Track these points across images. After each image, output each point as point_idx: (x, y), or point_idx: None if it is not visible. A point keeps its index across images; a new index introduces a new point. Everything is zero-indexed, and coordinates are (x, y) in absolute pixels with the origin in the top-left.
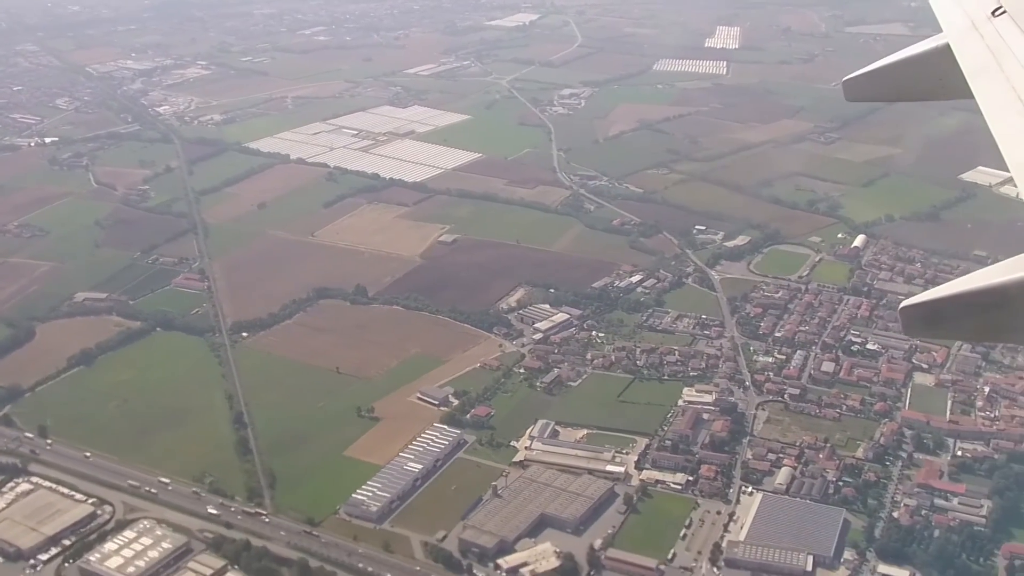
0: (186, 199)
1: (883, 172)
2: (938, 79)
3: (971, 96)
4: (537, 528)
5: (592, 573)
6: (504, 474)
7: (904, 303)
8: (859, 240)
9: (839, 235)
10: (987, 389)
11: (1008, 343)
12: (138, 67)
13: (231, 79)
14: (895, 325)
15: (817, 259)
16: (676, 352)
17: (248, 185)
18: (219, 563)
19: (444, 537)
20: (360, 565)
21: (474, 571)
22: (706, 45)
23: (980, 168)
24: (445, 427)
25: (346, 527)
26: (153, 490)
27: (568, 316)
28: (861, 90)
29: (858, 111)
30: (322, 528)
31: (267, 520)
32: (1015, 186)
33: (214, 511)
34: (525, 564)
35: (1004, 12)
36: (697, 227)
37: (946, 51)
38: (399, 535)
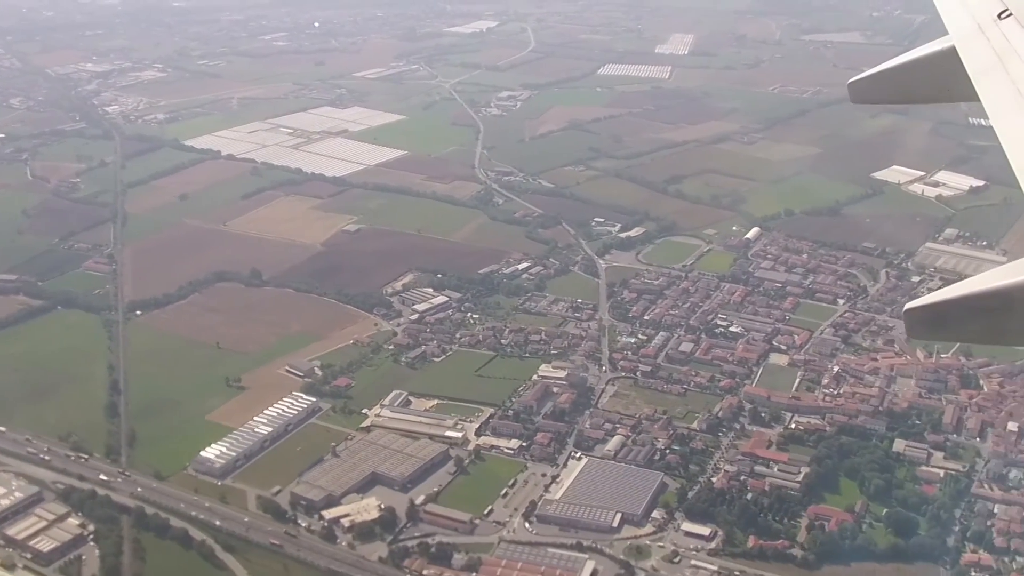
0: (114, 191)
1: (796, 170)
2: (943, 81)
3: (976, 98)
4: (367, 485)
5: (409, 525)
6: (348, 438)
7: (908, 306)
8: (752, 232)
9: (734, 228)
10: (836, 369)
11: (1012, 346)
12: (97, 69)
13: (184, 81)
14: (764, 309)
15: (706, 249)
16: (543, 332)
17: (175, 179)
18: (64, 510)
19: (278, 492)
20: (193, 513)
21: (298, 521)
22: (656, 51)
23: (895, 167)
24: (302, 395)
25: (191, 481)
26: (19, 448)
27: (448, 299)
28: (866, 92)
29: (787, 114)
30: (169, 482)
31: (126, 476)
32: (924, 184)
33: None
34: (347, 515)
35: (1010, 15)
36: (596, 219)
37: (952, 53)
38: (238, 489)
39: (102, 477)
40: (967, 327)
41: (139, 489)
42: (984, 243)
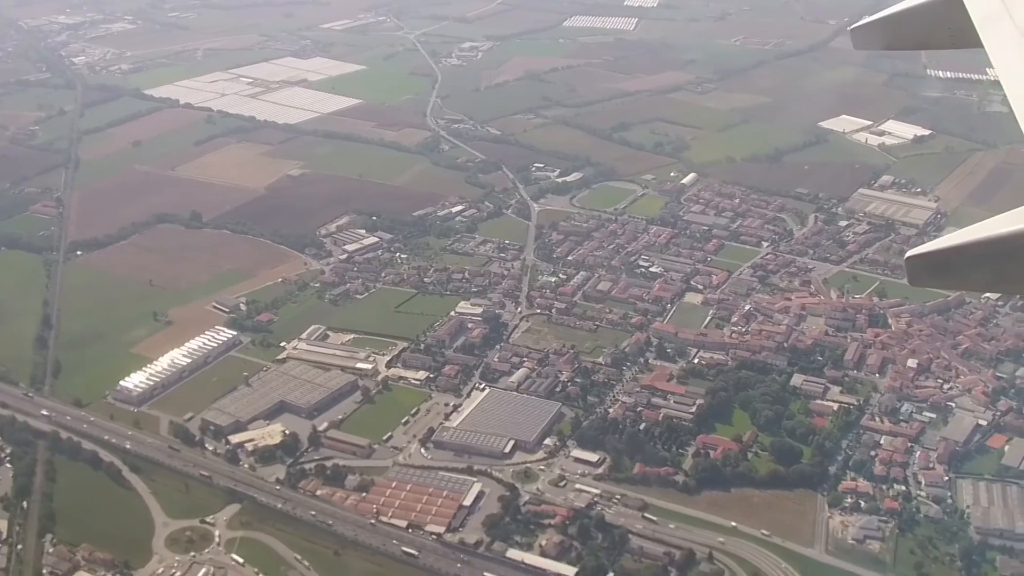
0: (69, 138)
1: (743, 119)
2: (947, 28)
3: (980, 45)
4: (275, 413)
5: (310, 449)
6: (264, 369)
7: (909, 253)
8: (688, 178)
9: (672, 174)
10: (747, 307)
11: (1015, 294)
12: (68, 21)
13: (152, 33)
14: (687, 251)
15: (640, 194)
16: (466, 271)
17: (131, 126)
18: None
19: (190, 418)
20: (105, 438)
21: (206, 445)
22: (625, 3)
23: (844, 116)
24: (224, 329)
25: (109, 409)
26: None
27: (379, 240)
28: (869, 38)
29: (744, 65)
30: (87, 409)
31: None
32: (869, 133)
33: None
34: (251, 440)
35: None
36: (536, 165)
37: (956, 0)
38: (152, 416)
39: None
40: (969, 274)
41: (58, 416)
42: (919, 190)
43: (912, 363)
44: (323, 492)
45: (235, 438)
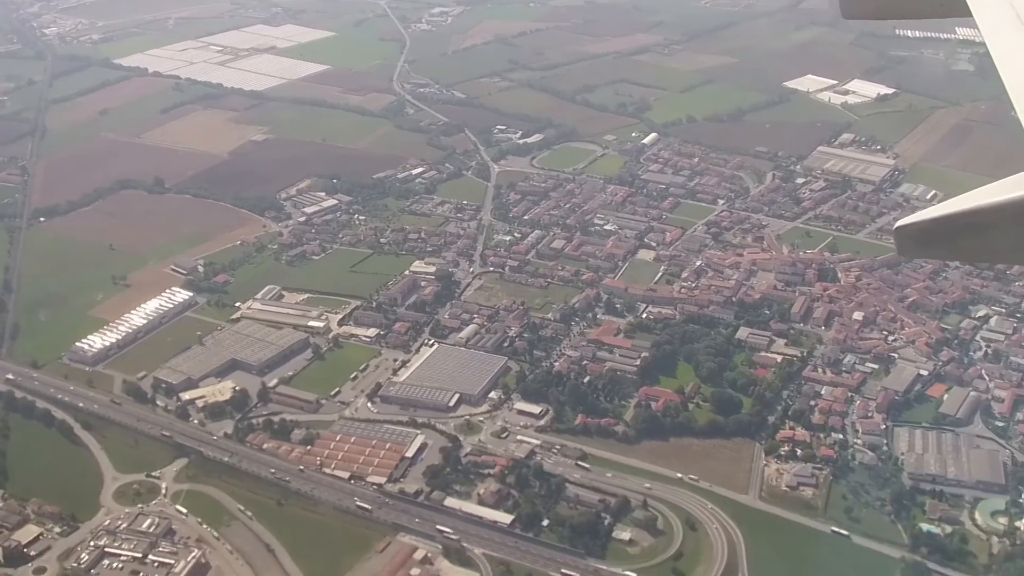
0: (37, 108)
1: (708, 80)
2: None
3: (969, 14)
4: (227, 370)
5: (259, 405)
6: (218, 328)
7: (898, 224)
8: (649, 138)
9: (633, 134)
10: (698, 263)
11: (1003, 263)
12: None
13: (124, 3)
14: (643, 209)
15: (600, 154)
16: (422, 231)
17: (99, 95)
18: None
19: (143, 377)
20: (59, 396)
21: (157, 402)
22: None
23: (809, 76)
24: (180, 290)
25: (64, 369)
26: None
27: (338, 202)
28: (857, 7)
29: (713, 26)
30: (43, 370)
31: None
32: (833, 92)
33: None
34: (202, 397)
35: None
36: (499, 127)
37: None
38: (106, 375)
39: None
40: (957, 244)
41: (14, 376)
42: (878, 147)
43: (858, 316)
44: (269, 445)
45: (186, 395)
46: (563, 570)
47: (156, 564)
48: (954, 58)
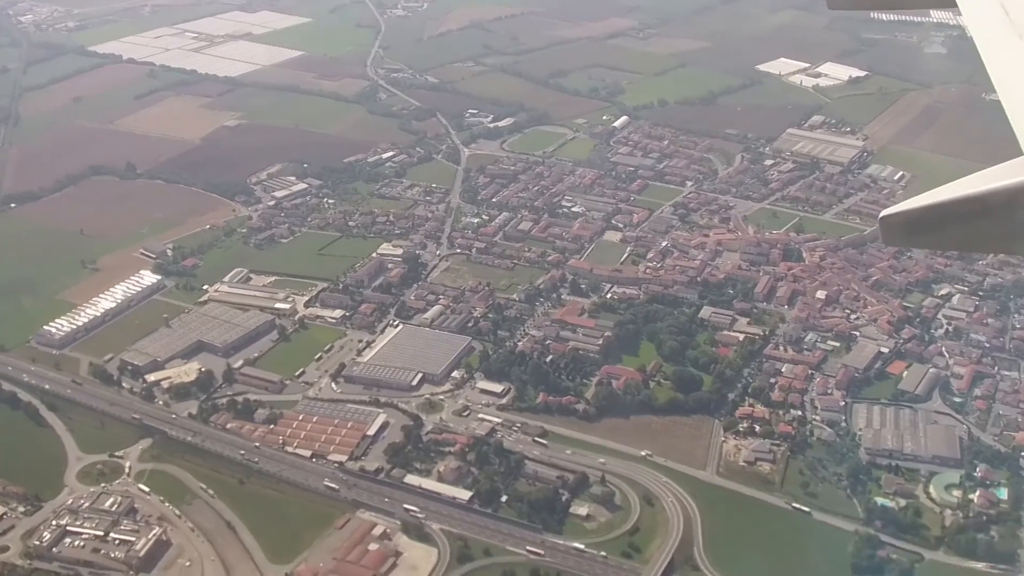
0: (11, 95)
1: (681, 63)
2: None
3: (954, 5)
4: (193, 352)
5: (224, 385)
6: (185, 311)
7: (883, 213)
8: (620, 121)
9: (604, 117)
10: (664, 244)
11: (990, 252)
12: None
13: None
14: (611, 191)
15: (570, 138)
16: (390, 214)
17: (74, 82)
18: None
19: (110, 359)
20: (25, 379)
21: (123, 384)
22: None
23: (782, 59)
24: (149, 274)
25: (32, 353)
26: None
27: (307, 186)
28: None
29: (688, 10)
30: (10, 353)
31: None
32: (805, 75)
33: None
34: (167, 378)
35: None
36: (470, 111)
37: None
38: (73, 358)
39: None
40: (943, 234)
41: None
42: (847, 129)
43: (821, 295)
44: (232, 425)
45: (151, 376)
46: (528, 547)
47: (117, 542)
48: (928, 41)
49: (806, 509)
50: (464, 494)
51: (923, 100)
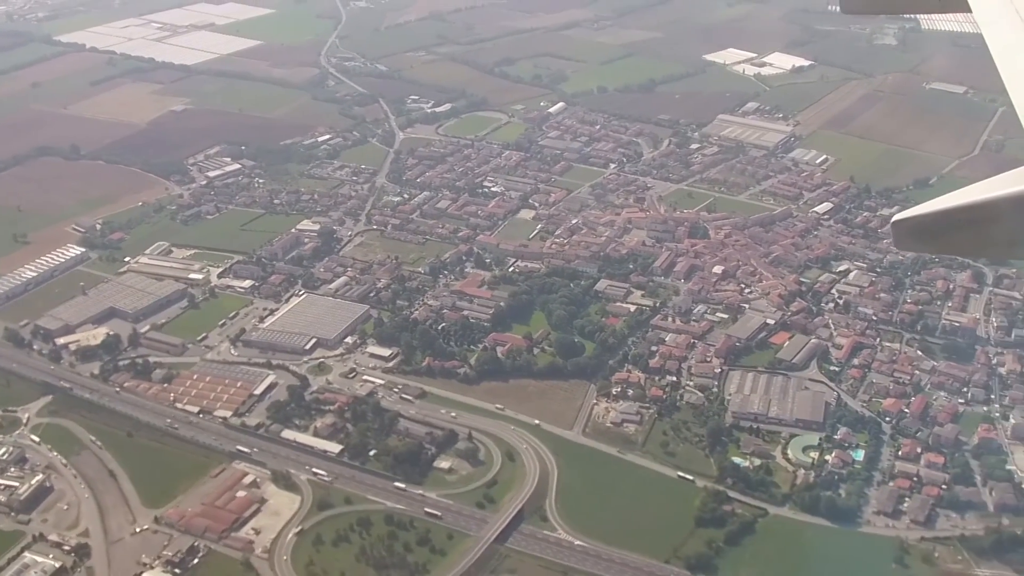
0: None
1: (629, 53)
2: None
3: (968, 9)
4: (105, 317)
5: (129, 348)
6: (104, 280)
7: (895, 218)
8: (556, 107)
9: (541, 103)
10: (575, 221)
11: (1001, 258)
12: None
13: None
14: (534, 173)
15: (504, 122)
16: (315, 193)
17: (35, 69)
18: None
19: (25, 324)
20: None
21: (33, 347)
22: None
23: (730, 49)
24: (74, 247)
25: None
26: None
27: (241, 166)
28: (858, 1)
29: (645, 2)
30: None
31: None
32: (750, 64)
33: None
34: (76, 341)
35: None
36: (412, 97)
37: None
38: None
39: None
40: (954, 239)
41: None
42: (780, 116)
43: (717, 269)
44: (130, 384)
45: (61, 340)
46: (388, 502)
47: (2, 487)
48: (880, 33)
49: (689, 477)
50: (335, 447)
51: (862, 88)
